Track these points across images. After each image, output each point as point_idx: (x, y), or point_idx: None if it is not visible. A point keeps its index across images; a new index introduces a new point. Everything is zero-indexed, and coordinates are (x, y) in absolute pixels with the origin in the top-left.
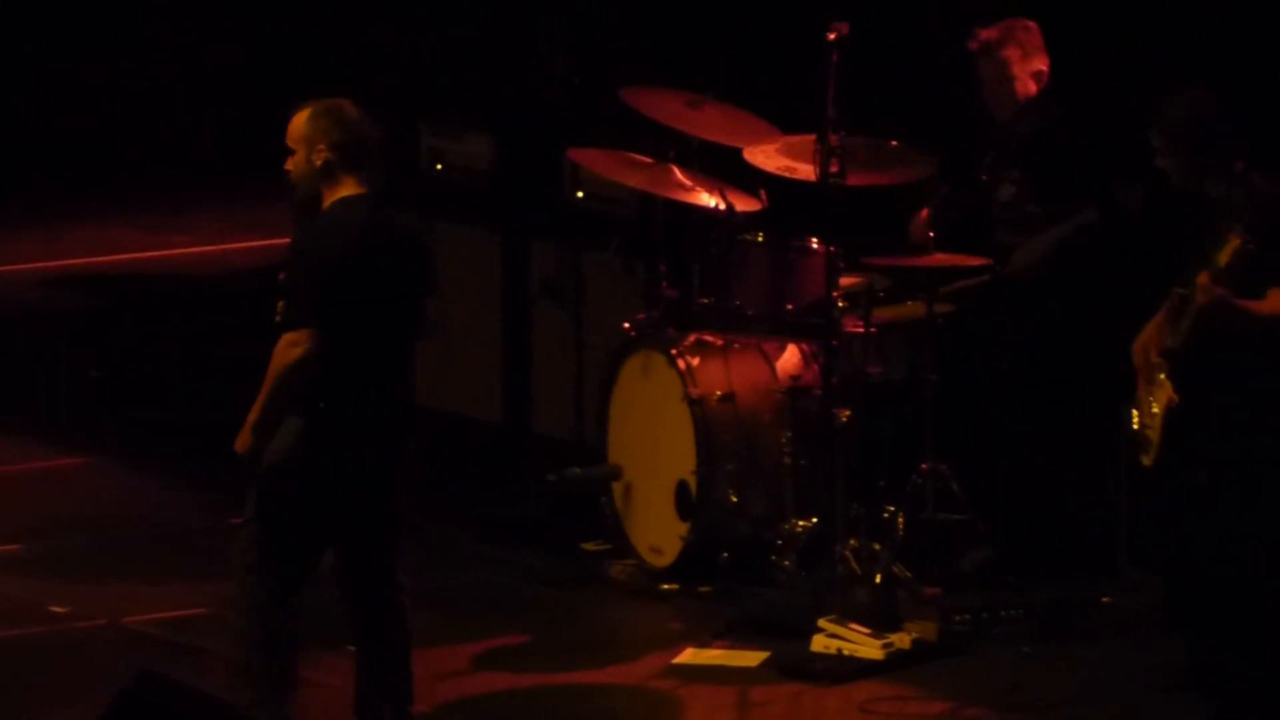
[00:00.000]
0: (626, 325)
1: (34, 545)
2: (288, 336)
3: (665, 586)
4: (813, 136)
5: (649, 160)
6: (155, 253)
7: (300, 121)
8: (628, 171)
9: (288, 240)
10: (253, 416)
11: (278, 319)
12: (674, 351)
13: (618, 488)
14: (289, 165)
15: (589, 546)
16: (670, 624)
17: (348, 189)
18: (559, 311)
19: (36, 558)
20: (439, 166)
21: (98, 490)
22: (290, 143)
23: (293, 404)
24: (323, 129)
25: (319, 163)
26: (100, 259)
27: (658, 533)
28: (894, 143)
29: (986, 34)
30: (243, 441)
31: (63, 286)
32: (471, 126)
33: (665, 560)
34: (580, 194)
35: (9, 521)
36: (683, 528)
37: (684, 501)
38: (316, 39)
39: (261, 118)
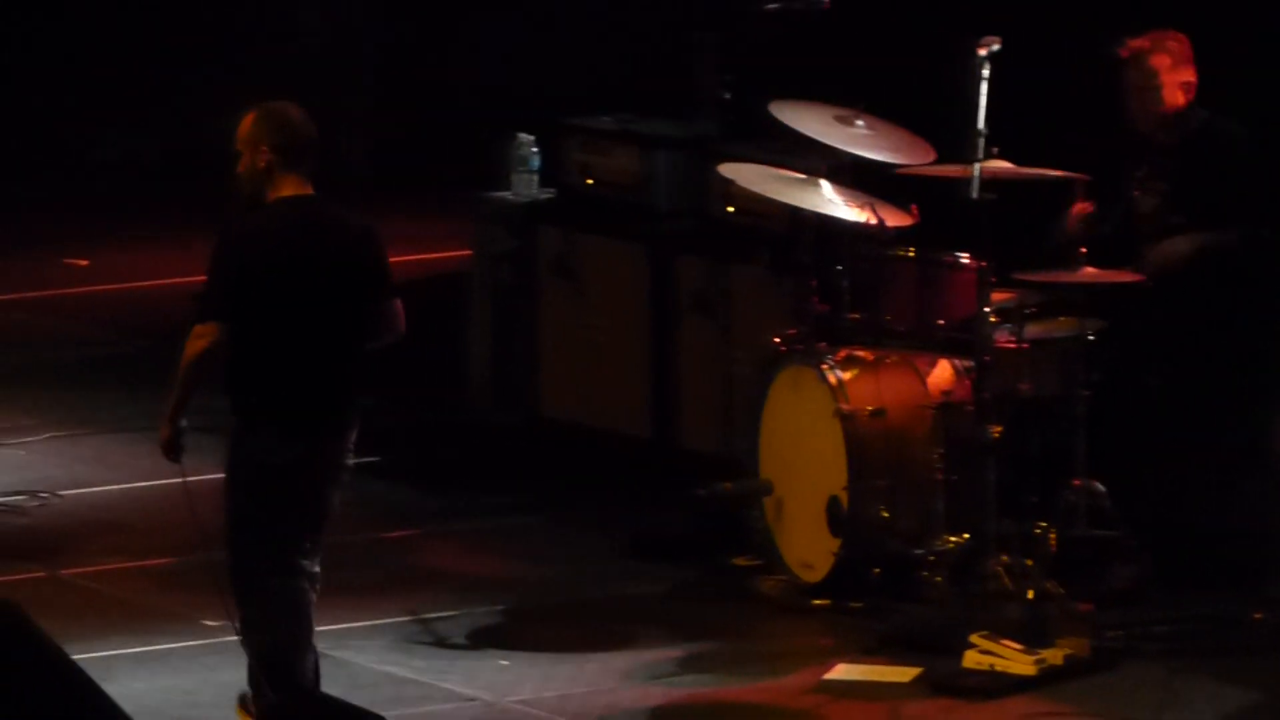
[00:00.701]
0: (776, 340)
1: (189, 559)
2: (196, 328)
3: (816, 602)
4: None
5: (799, 174)
6: None
7: (246, 124)
8: (777, 186)
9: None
10: (167, 408)
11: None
12: (824, 366)
13: (768, 503)
14: (239, 167)
15: (739, 561)
16: (821, 639)
17: (290, 189)
18: (707, 325)
19: (192, 569)
20: (589, 180)
21: None
22: (238, 145)
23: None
24: (265, 131)
25: (262, 164)
26: None
27: (808, 548)
28: (1039, 169)
29: (1137, 43)
30: (162, 433)
31: None
32: (621, 141)
33: (816, 575)
34: (730, 208)
35: (160, 535)
36: (834, 543)
37: (835, 517)
38: (467, 53)
39: (414, 132)
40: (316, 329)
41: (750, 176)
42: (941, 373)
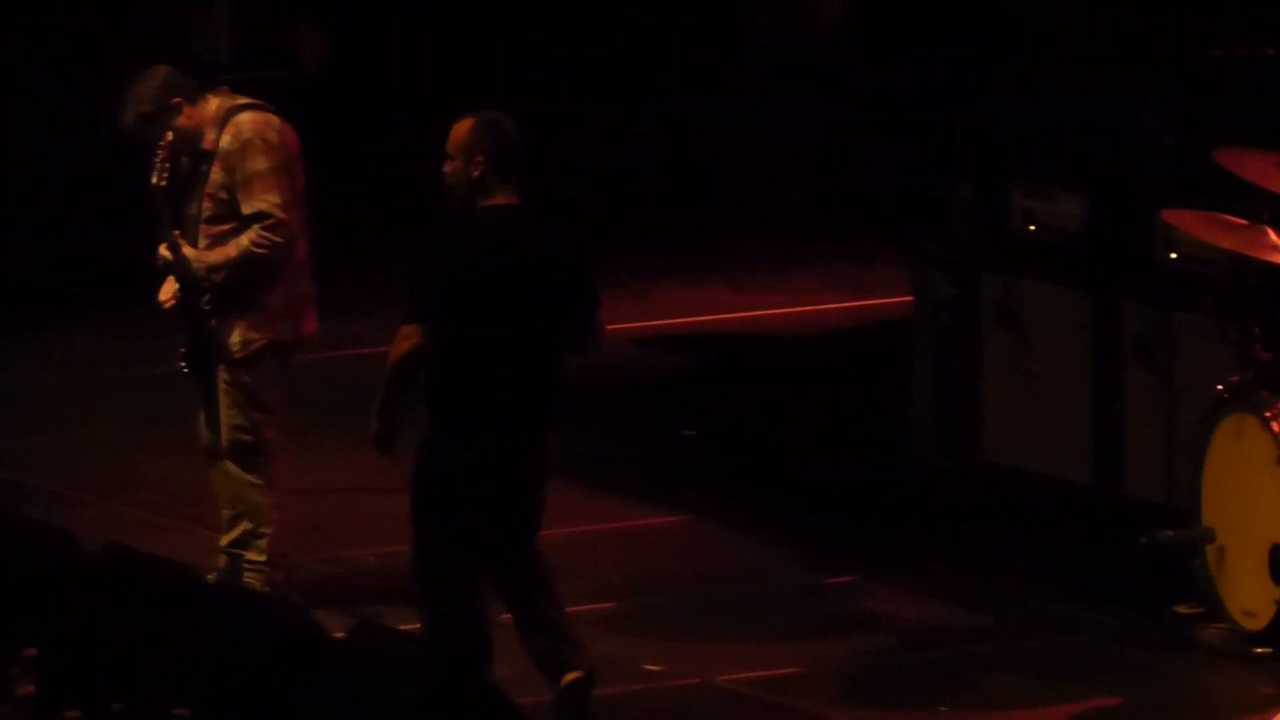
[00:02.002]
0: (1219, 388)
1: (628, 603)
2: (402, 329)
3: (1258, 650)
4: None
5: (1243, 221)
6: (748, 313)
7: (462, 131)
8: (1221, 233)
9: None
10: (376, 405)
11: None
12: (1268, 415)
13: (1210, 550)
14: (447, 170)
15: (1181, 609)
16: (1262, 688)
17: (500, 198)
18: (1150, 372)
19: (631, 615)
20: (1031, 227)
21: (691, 547)
22: (450, 150)
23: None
24: (481, 140)
25: (476, 173)
26: (691, 319)
27: (1251, 596)
28: None
29: None
30: (368, 427)
31: (654, 345)
32: (1065, 188)
33: (1258, 624)
34: (1172, 254)
35: (603, 579)
36: (1276, 591)
37: (1278, 565)
38: (904, 99)
39: (853, 178)
40: (521, 338)
41: (1193, 223)
42: None
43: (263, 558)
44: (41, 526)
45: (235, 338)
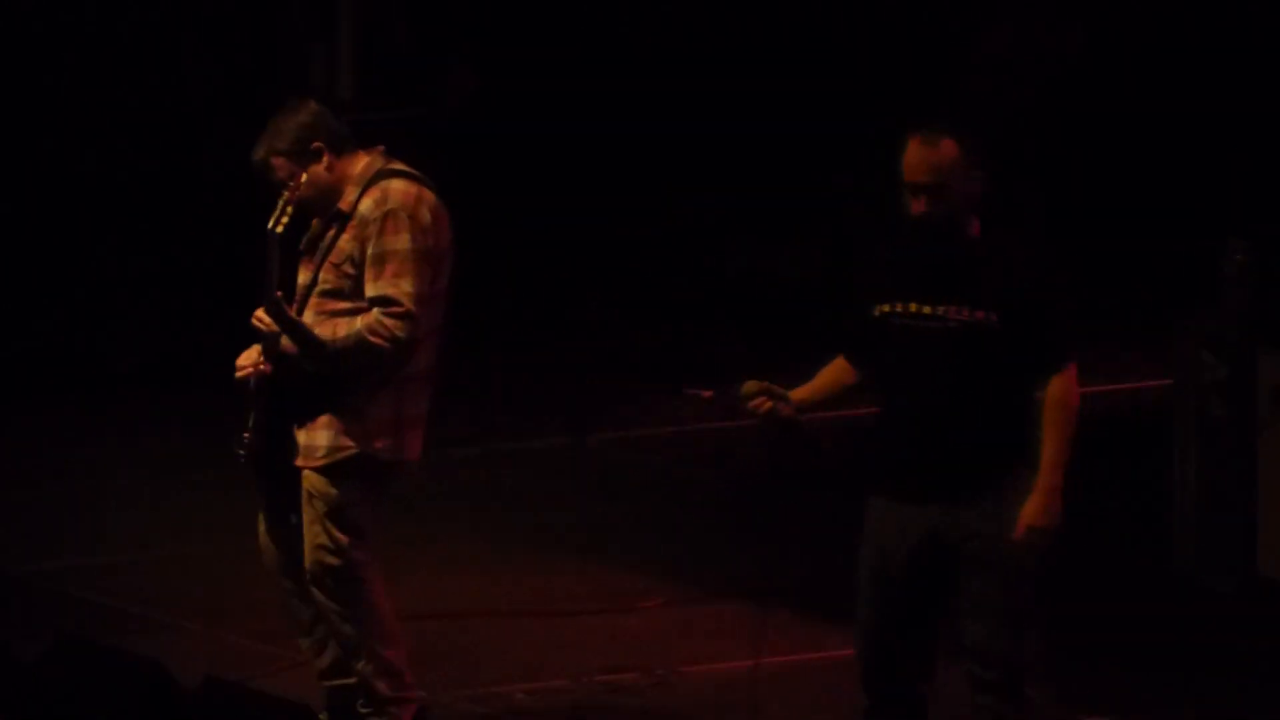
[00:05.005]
0: None
1: None
2: (1072, 375)
3: None
4: None
5: None
6: None
7: (952, 151)
8: None
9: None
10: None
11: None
12: None
13: None
14: (922, 208)
15: None
16: None
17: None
18: None
19: None
20: None
21: None
22: (925, 180)
23: None
24: (977, 156)
25: (975, 188)
26: None
27: None
28: None
29: None
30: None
31: None
32: None
33: None
34: None
35: None
36: None
37: None
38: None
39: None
40: None
41: None
42: None
43: (370, 709)
44: (132, 657)
45: (321, 441)
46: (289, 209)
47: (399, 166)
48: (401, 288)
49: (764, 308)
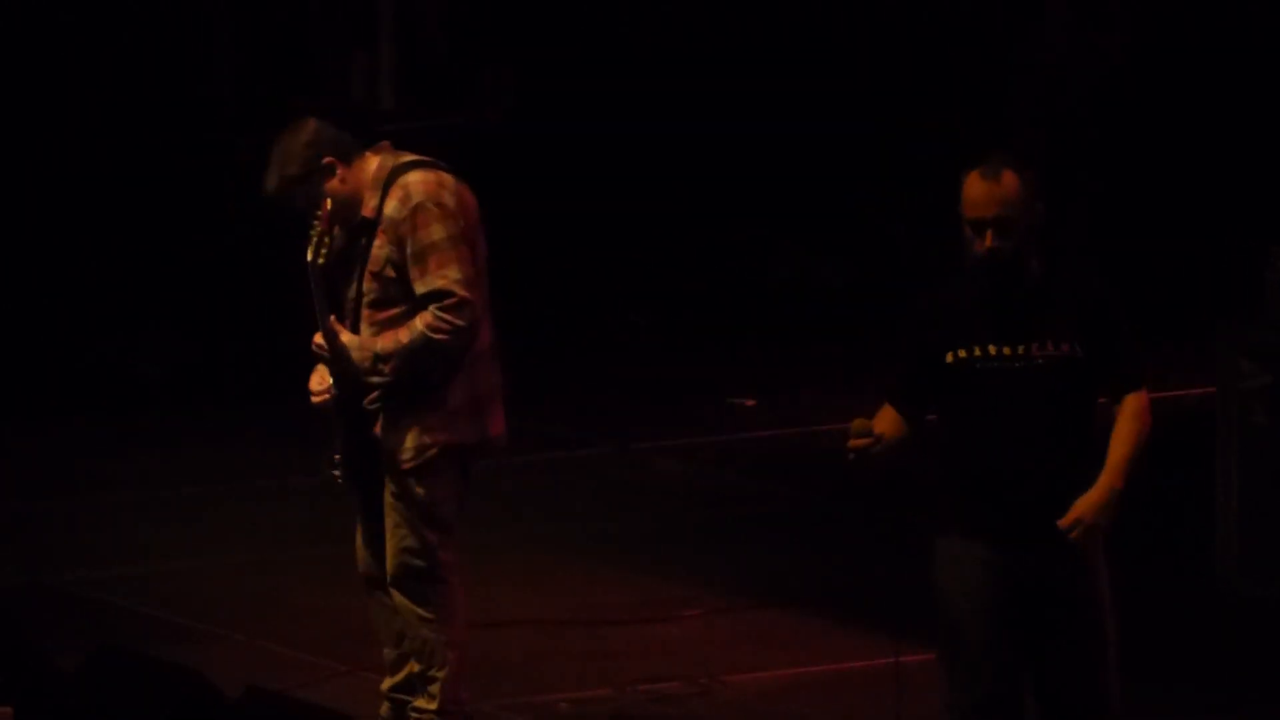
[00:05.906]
0: None
1: None
2: (1145, 396)
3: None
4: None
5: None
6: None
7: (1014, 183)
8: None
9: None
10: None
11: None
12: None
13: None
14: (992, 245)
15: None
16: None
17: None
18: None
19: None
20: None
21: None
22: (999, 212)
23: None
24: (1036, 186)
25: (1038, 221)
26: None
27: None
28: None
29: None
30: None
31: None
32: None
33: None
34: None
35: None
36: None
37: None
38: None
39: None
40: None
41: None
42: None
43: (434, 705)
44: (173, 667)
45: (407, 442)
46: (327, 240)
47: (409, 158)
48: (450, 277)
49: (808, 316)
